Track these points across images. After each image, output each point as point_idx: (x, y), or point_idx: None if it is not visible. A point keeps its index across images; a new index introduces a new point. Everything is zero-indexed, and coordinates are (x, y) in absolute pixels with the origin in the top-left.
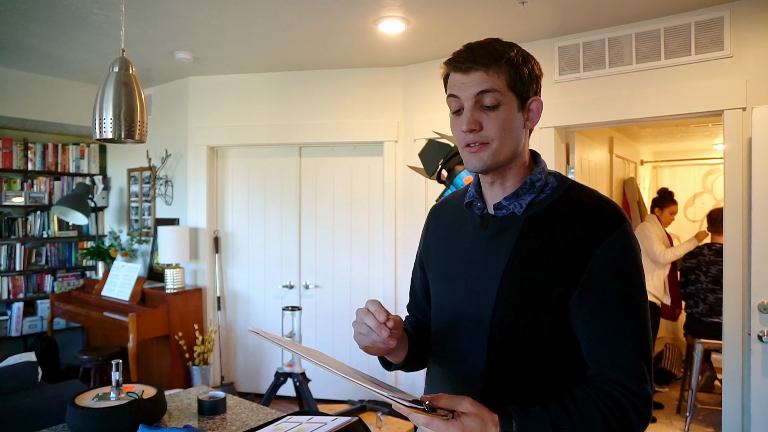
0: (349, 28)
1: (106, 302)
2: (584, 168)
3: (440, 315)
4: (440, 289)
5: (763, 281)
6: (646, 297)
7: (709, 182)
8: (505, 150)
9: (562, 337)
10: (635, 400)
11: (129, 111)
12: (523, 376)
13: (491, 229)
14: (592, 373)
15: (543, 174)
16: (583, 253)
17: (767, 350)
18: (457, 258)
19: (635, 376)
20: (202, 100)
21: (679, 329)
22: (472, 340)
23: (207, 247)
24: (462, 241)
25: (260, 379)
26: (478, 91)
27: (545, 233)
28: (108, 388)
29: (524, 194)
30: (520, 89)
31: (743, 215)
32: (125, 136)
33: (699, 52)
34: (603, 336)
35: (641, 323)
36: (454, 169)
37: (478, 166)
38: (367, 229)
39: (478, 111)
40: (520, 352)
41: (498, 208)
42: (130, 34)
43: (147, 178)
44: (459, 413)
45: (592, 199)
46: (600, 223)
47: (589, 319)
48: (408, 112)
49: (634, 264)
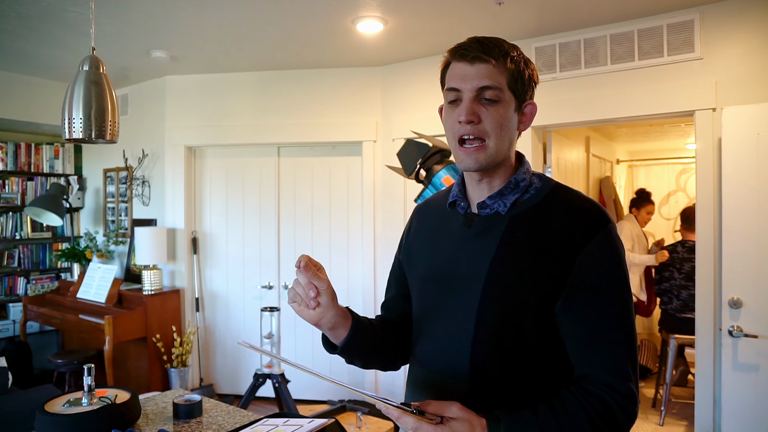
0: (328, 28)
1: (82, 304)
2: (561, 167)
3: (422, 315)
4: (423, 289)
5: (733, 277)
6: (631, 297)
7: (682, 181)
8: (500, 149)
9: (547, 338)
10: (621, 400)
11: (100, 110)
12: (507, 377)
13: (475, 228)
14: (578, 374)
15: (527, 174)
16: (569, 254)
17: (737, 345)
18: (440, 257)
19: (621, 377)
20: (180, 99)
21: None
22: (455, 341)
23: (185, 247)
24: (445, 240)
25: (240, 380)
26: (480, 86)
27: (530, 233)
28: (80, 393)
29: (509, 194)
30: (519, 90)
31: (714, 213)
32: (96, 136)
33: (671, 54)
34: (588, 337)
35: (627, 324)
36: (432, 168)
37: (473, 165)
38: (347, 228)
39: (477, 104)
40: (505, 353)
41: (482, 207)
42: (106, 32)
43: (124, 179)
44: (447, 418)
45: (577, 200)
46: (585, 225)
47: (574, 320)
48: (387, 112)
49: (619, 265)
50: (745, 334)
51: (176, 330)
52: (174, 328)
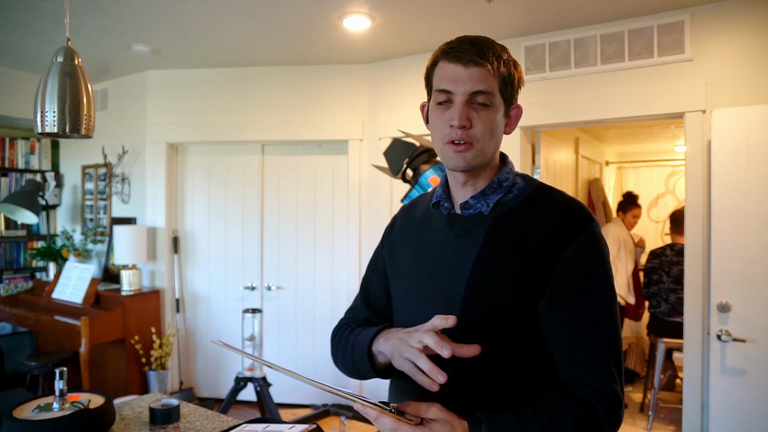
0: (314, 24)
1: (58, 305)
2: (550, 168)
3: (403, 316)
4: (404, 290)
5: (722, 281)
6: (615, 297)
7: (671, 183)
8: (487, 152)
9: (531, 339)
10: (606, 403)
11: (74, 104)
12: (491, 380)
13: (458, 229)
14: (562, 376)
15: (510, 174)
16: (552, 254)
17: (725, 349)
18: (422, 258)
19: (605, 378)
20: (162, 94)
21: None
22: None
23: (165, 247)
24: (428, 240)
25: (221, 383)
26: (474, 90)
27: (513, 233)
28: (51, 398)
29: (492, 193)
30: (508, 93)
31: (703, 216)
32: (70, 131)
33: (661, 55)
34: (572, 338)
35: (611, 324)
36: (419, 168)
37: (462, 165)
38: (331, 228)
39: (469, 108)
40: (488, 355)
41: (465, 207)
42: (85, 24)
43: (103, 176)
44: (428, 420)
45: (560, 199)
46: (568, 224)
47: (558, 321)
48: (373, 110)
49: (603, 264)
50: (734, 338)
51: (156, 331)
52: (153, 329)
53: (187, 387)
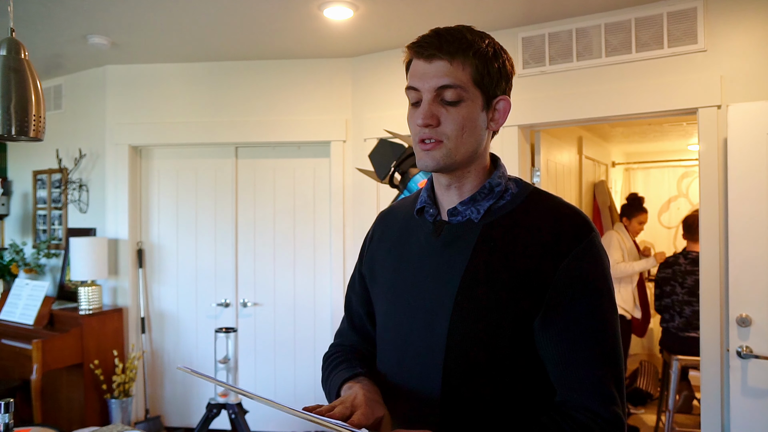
0: (290, 13)
1: (5, 327)
2: (551, 170)
3: (387, 335)
4: (387, 307)
5: (741, 292)
6: (616, 313)
7: (684, 185)
8: (462, 150)
9: (525, 358)
10: (606, 427)
11: (21, 103)
12: (483, 402)
13: (445, 238)
14: (560, 399)
15: (503, 179)
16: (548, 266)
17: (747, 367)
18: (406, 270)
19: (605, 401)
20: (123, 92)
21: (654, 345)
22: (424, 364)
23: (129, 261)
24: (412, 251)
25: (191, 410)
26: (439, 85)
27: (505, 243)
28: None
29: (482, 199)
30: (486, 86)
31: (720, 221)
32: (17, 133)
33: (672, 46)
34: (570, 358)
35: (611, 342)
36: (408, 172)
37: (431, 164)
38: (313, 238)
39: (437, 105)
40: (479, 376)
41: (453, 214)
42: (32, 12)
43: (57, 182)
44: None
45: (557, 206)
46: (566, 234)
47: (555, 340)
48: (357, 108)
49: (603, 278)
50: (756, 355)
51: (118, 355)
52: (115, 352)
53: (153, 416)
